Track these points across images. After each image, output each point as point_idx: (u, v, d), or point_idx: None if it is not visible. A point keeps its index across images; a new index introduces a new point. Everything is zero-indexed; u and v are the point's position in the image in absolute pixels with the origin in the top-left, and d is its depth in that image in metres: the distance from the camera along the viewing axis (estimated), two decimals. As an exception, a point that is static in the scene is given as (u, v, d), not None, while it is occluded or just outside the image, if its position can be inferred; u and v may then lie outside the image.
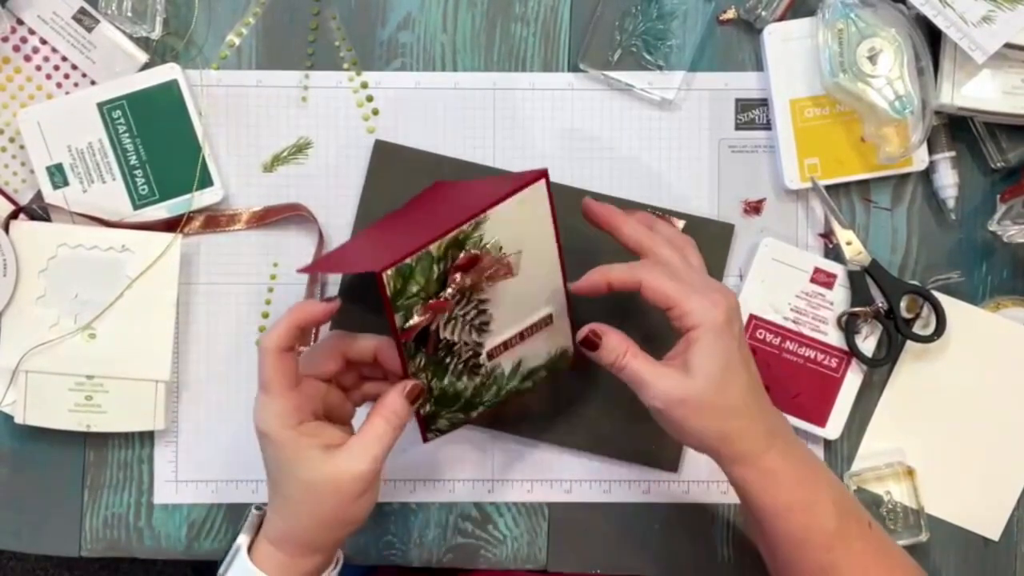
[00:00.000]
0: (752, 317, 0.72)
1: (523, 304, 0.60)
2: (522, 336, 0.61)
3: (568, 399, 0.71)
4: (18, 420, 0.68)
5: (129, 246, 0.69)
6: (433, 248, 0.54)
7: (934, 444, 0.73)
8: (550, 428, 0.72)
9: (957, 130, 0.73)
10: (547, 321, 0.62)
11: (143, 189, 0.70)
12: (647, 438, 0.71)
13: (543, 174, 0.57)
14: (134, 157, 0.70)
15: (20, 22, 0.70)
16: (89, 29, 0.69)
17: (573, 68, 0.73)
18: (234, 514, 0.73)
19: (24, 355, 0.68)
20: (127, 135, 0.70)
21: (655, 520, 0.73)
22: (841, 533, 0.59)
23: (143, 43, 0.71)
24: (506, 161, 0.73)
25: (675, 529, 0.73)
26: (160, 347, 0.69)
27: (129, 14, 0.69)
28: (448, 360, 0.59)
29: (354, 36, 0.73)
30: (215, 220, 0.72)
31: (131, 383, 0.69)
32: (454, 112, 0.73)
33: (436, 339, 0.57)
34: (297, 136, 0.73)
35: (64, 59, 0.70)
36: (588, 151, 0.73)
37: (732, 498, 0.73)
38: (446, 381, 0.60)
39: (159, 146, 0.70)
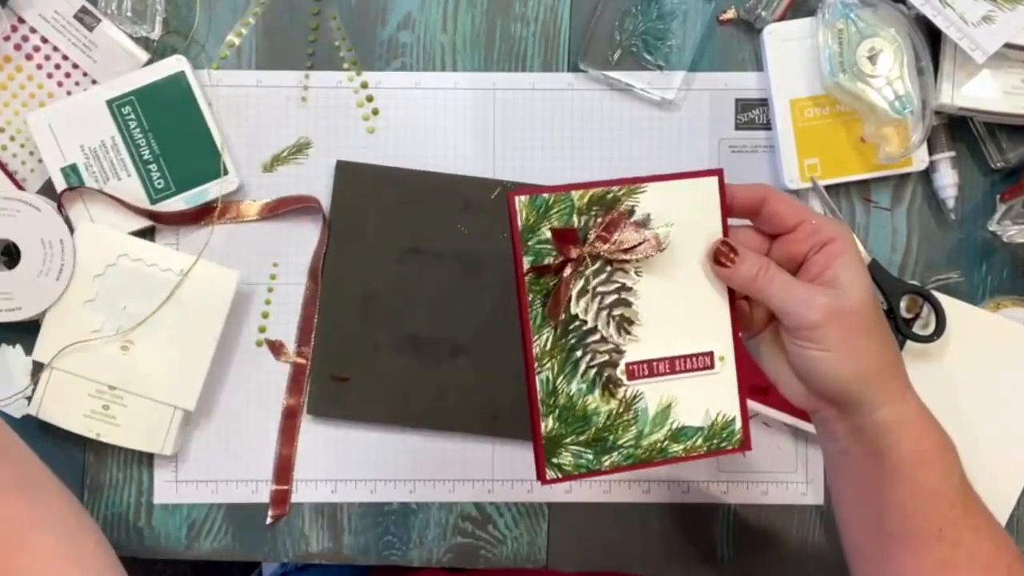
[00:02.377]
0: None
1: (676, 318, 0.52)
2: (673, 366, 0.53)
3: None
4: (31, 412, 0.68)
5: (187, 271, 0.69)
6: (576, 195, 0.50)
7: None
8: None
9: (957, 130, 0.73)
10: (707, 363, 0.53)
11: (159, 183, 0.70)
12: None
13: (718, 172, 0.52)
14: (147, 152, 0.70)
15: (21, 21, 0.70)
16: (90, 28, 0.70)
17: (573, 68, 0.73)
18: (234, 514, 0.73)
19: (59, 351, 0.67)
20: (139, 130, 0.70)
21: (655, 520, 0.73)
22: (963, 486, 0.53)
23: (143, 43, 0.71)
24: (506, 161, 0.73)
25: (675, 529, 0.73)
26: (192, 377, 0.69)
27: (129, 14, 0.69)
28: (579, 354, 0.52)
29: (354, 36, 0.73)
30: (229, 209, 0.72)
31: (151, 404, 0.69)
32: (454, 112, 0.73)
33: (567, 309, 0.51)
34: (297, 136, 0.73)
35: (65, 58, 0.70)
36: (588, 151, 0.73)
37: (732, 498, 0.73)
38: (574, 387, 0.52)
39: (171, 139, 0.70)
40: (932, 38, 0.70)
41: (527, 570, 0.74)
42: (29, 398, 0.70)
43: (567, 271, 0.50)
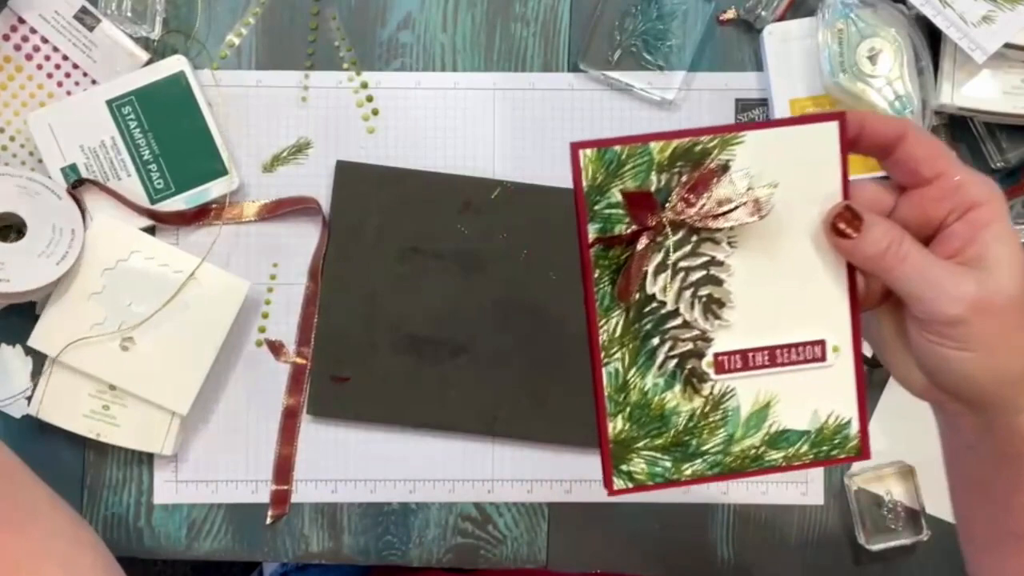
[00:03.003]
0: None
1: (779, 300, 0.43)
2: (773, 358, 0.44)
3: (559, 393, 0.71)
4: (31, 412, 0.68)
5: (198, 276, 0.68)
6: (655, 147, 0.41)
7: (934, 444, 0.73)
8: (548, 427, 0.72)
9: (957, 130, 0.73)
10: (817, 354, 0.44)
11: (159, 183, 0.70)
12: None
13: (840, 116, 0.42)
14: (147, 152, 0.70)
15: (21, 21, 0.70)
16: (90, 28, 0.70)
17: (573, 68, 0.73)
18: (234, 514, 0.73)
19: (64, 348, 0.67)
20: (139, 130, 0.70)
21: (655, 520, 0.73)
22: None
23: (143, 43, 0.71)
24: (506, 161, 0.73)
25: (675, 529, 0.73)
26: (189, 382, 0.69)
27: (129, 14, 0.69)
28: (656, 342, 0.43)
29: (354, 36, 0.73)
30: (229, 210, 0.72)
31: (151, 404, 0.69)
32: (454, 112, 0.73)
33: (642, 288, 0.42)
34: (297, 136, 0.73)
35: (65, 58, 0.70)
36: (588, 151, 0.73)
37: (732, 498, 0.73)
38: (649, 381, 0.43)
39: (171, 139, 0.70)
40: (932, 38, 0.70)
41: (527, 570, 0.74)
42: (29, 398, 0.70)
43: (642, 243, 0.41)
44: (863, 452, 0.45)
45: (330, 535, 0.73)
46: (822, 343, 0.44)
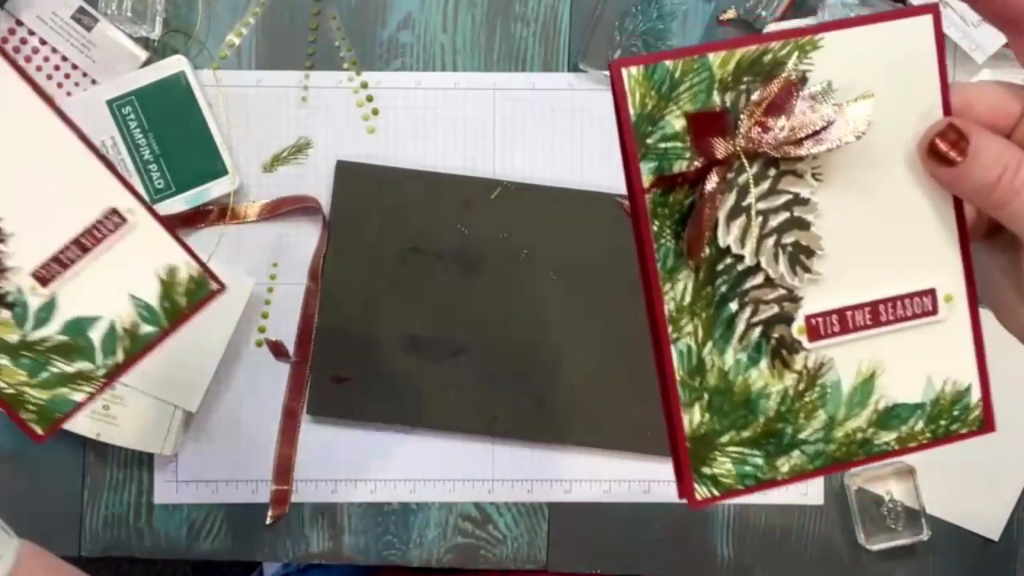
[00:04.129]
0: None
1: (878, 244, 0.35)
2: (876, 316, 0.35)
3: (559, 393, 0.71)
4: None
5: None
6: (715, 60, 0.33)
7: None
8: (547, 427, 0.72)
9: (957, 130, 0.73)
10: (928, 306, 0.36)
11: (159, 183, 0.70)
12: (643, 426, 0.71)
13: (933, 7, 0.34)
14: (147, 152, 0.70)
15: (19, 23, 0.70)
16: (88, 28, 0.69)
17: (573, 68, 0.73)
18: (234, 514, 0.73)
19: None
20: (139, 130, 0.70)
21: (655, 520, 0.73)
22: None
23: (143, 43, 0.71)
24: (506, 161, 0.73)
25: (675, 529, 0.73)
26: (198, 379, 0.69)
27: (129, 14, 0.69)
28: (735, 307, 0.35)
29: (354, 36, 0.73)
30: (228, 211, 0.72)
31: (151, 403, 0.69)
32: (454, 112, 0.73)
33: (713, 241, 0.34)
34: (297, 136, 0.73)
35: (64, 59, 0.70)
36: (588, 151, 0.73)
37: (732, 498, 0.73)
38: (730, 358, 0.35)
39: (171, 139, 0.70)
40: (932, 38, 0.70)
41: (527, 570, 0.74)
42: (29, 398, 0.70)
43: (711, 182, 0.33)
44: (987, 424, 0.38)
45: (330, 535, 0.73)
46: (932, 292, 0.36)
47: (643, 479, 0.73)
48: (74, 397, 0.44)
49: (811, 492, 0.73)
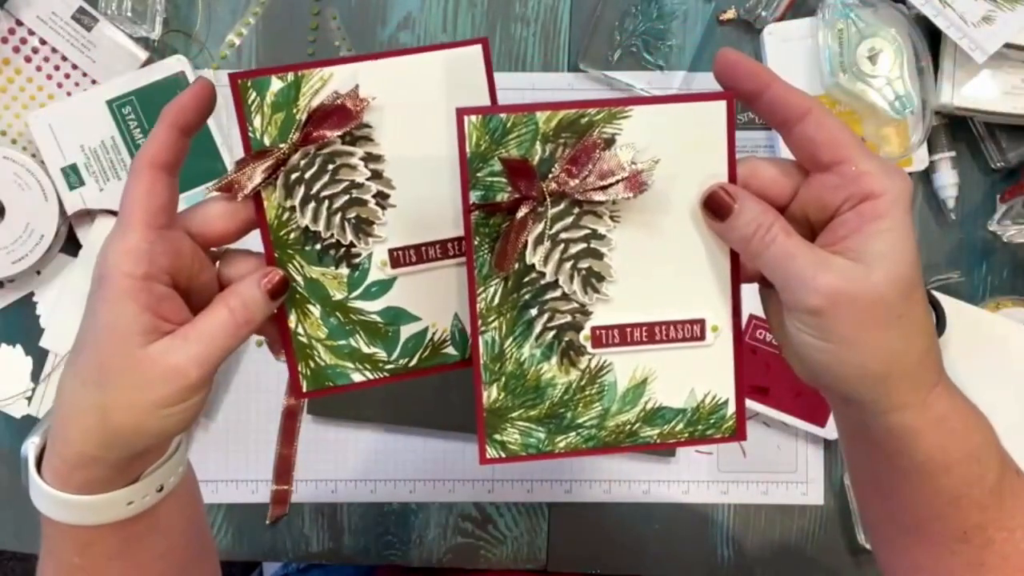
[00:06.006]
0: (752, 317, 0.72)
1: (660, 277, 0.43)
2: (652, 335, 0.43)
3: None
4: (31, 412, 0.68)
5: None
6: (541, 118, 0.40)
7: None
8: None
9: (957, 130, 0.73)
10: (696, 332, 0.43)
11: None
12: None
13: (727, 95, 0.41)
14: None
15: (19, 23, 0.70)
16: (88, 28, 0.69)
17: (573, 68, 0.73)
18: (234, 514, 0.73)
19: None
20: (139, 130, 0.70)
21: (655, 520, 0.73)
22: (999, 488, 0.44)
23: (143, 43, 0.71)
24: (506, 161, 0.73)
25: (675, 529, 0.73)
26: None
27: (129, 14, 0.69)
28: (534, 313, 0.43)
29: (354, 36, 0.73)
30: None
31: None
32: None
33: (521, 258, 0.42)
34: (297, 136, 0.73)
35: (64, 59, 0.70)
36: (588, 151, 0.73)
37: (732, 498, 0.73)
38: (526, 352, 0.43)
39: None
40: (932, 38, 0.70)
41: (527, 570, 0.74)
42: (29, 398, 0.70)
43: (521, 212, 0.41)
44: (738, 433, 0.45)
45: (330, 535, 0.73)
46: (701, 322, 0.43)
47: (643, 479, 0.73)
48: (354, 377, 0.45)
49: (811, 492, 0.73)
